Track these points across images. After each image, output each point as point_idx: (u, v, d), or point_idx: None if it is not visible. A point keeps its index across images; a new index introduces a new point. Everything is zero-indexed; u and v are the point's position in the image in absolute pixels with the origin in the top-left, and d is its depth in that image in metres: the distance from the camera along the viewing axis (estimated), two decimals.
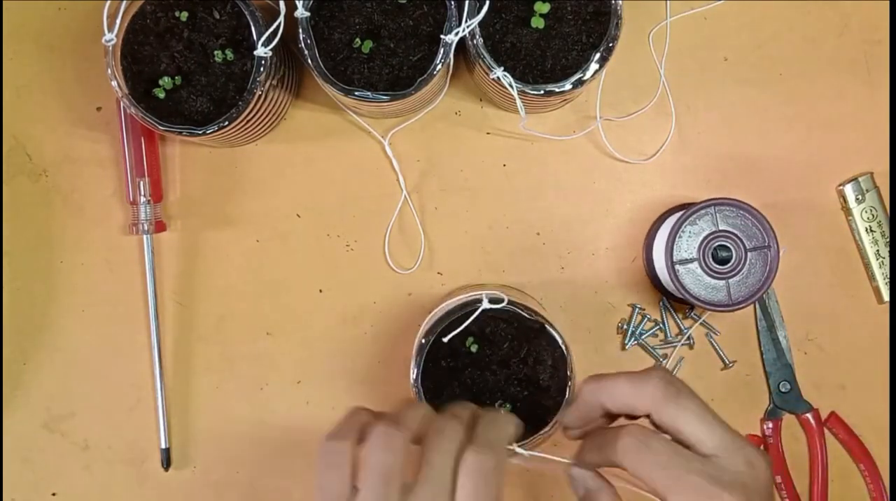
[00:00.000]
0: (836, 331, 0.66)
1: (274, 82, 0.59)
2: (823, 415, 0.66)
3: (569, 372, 0.57)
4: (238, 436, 0.66)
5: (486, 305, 0.56)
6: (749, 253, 0.59)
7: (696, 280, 0.60)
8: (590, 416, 0.48)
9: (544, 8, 0.57)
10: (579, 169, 0.66)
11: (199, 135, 0.57)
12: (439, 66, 0.57)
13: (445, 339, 0.57)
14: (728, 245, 0.60)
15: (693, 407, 0.45)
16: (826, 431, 0.66)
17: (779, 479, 0.65)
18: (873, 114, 0.66)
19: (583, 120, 0.66)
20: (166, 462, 0.66)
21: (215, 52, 0.58)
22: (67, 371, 0.67)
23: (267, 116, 0.62)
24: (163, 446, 0.66)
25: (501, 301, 0.57)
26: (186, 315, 0.66)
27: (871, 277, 0.66)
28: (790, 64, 0.66)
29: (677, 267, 0.60)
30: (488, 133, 0.67)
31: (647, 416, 0.46)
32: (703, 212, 0.59)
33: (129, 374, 0.66)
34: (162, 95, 0.58)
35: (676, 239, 0.60)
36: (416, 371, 0.57)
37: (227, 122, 0.57)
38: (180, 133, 0.58)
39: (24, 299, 0.67)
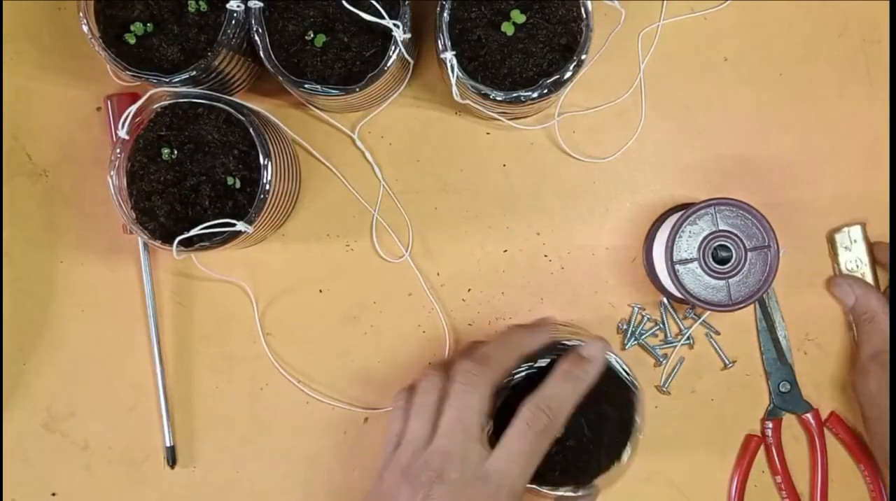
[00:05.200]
0: (835, 331, 0.66)
1: (241, 48, 0.58)
2: (823, 415, 0.66)
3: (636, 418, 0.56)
4: (238, 436, 0.66)
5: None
6: (749, 253, 0.59)
7: (696, 280, 0.60)
8: None
9: (520, 18, 0.57)
10: (579, 169, 0.66)
11: (166, 83, 0.57)
12: (390, 62, 0.57)
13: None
14: (728, 245, 0.60)
15: None
16: (826, 431, 0.66)
17: (779, 479, 0.65)
18: (873, 113, 0.66)
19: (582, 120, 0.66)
20: (171, 459, 0.66)
21: (189, 2, 0.58)
22: (67, 370, 0.67)
23: (240, 77, 0.61)
24: (167, 444, 0.66)
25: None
26: (186, 315, 0.66)
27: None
28: (790, 64, 0.66)
29: (677, 266, 0.59)
30: (488, 133, 0.67)
31: None
32: (703, 211, 0.59)
33: (129, 374, 0.66)
34: (132, 41, 0.58)
35: (676, 239, 0.59)
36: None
37: (195, 72, 0.57)
38: (148, 80, 0.57)
39: (24, 299, 0.67)
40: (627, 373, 0.56)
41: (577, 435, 0.55)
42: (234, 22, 0.57)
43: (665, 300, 0.66)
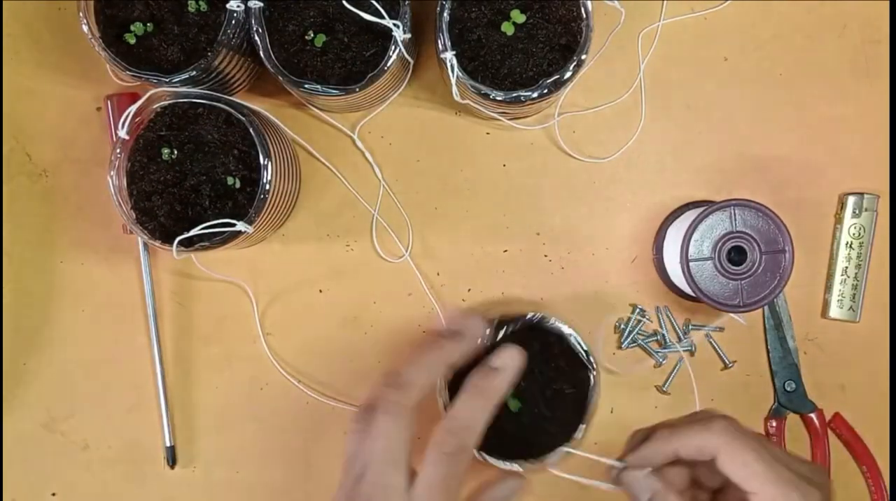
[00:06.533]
0: (835, 331, 0.66)
1: (241, 48, 0.58)
2: (824, 415, 0.66)
3: (592, 376, 0.56)
4: (238, 436, 0.66)
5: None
6: (764, 256, 0.59)
7: (708, 278, 0.59)
8: (655, 460, 0.49)
9: (520, 18, 0.57)
10: (579, 169, 0.66)
11: (166, 83, 0.57)
12: (390, 62, 0.57)
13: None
14: (743, 246, 0.59)
15: (755, 444, 0.47)
16: (829, 432, 0.66)
17: None
18: (873, 113, 0.66)
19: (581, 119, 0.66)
20: (171, 459, 0.66)
21: (189, 2, 0.58)
22: (67, 371, 0.67)
23: (240, 77, 0.61)
24: (167, 444, 0.66)
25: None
26: (186, 315, 0.66)
27: (827, 289, 0.66)
28: (790, 64, 0.66)
29: (691, 264, 0.59)
30: (488, 133, 0.67)
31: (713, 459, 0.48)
32: (721, 211, 0.59)
33: (128, 374, 0.66)
34: (132, 41, 0.58)
35: (692, 236, 0.59)
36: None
37: (195, 72, 0.57)
38: (148, 80, 0.57)
39: (24, 299, 0.67)
40: (587, 353, 0.56)
41: (534, 412, 0.56)
42: (234, 22, 0.57)
43: (658, 308, 0.66)
